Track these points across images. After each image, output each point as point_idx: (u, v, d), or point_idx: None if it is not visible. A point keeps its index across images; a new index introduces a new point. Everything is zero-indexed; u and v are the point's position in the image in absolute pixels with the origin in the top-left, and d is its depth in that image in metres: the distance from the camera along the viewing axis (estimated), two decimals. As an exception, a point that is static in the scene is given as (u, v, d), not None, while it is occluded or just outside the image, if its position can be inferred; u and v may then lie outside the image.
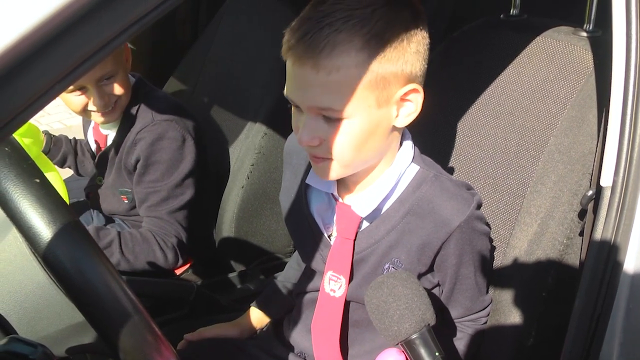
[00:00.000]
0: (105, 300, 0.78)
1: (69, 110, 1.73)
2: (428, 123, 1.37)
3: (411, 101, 1.05)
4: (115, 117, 1.73)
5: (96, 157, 1.85)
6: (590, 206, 1.11)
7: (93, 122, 1.84)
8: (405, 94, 1.03)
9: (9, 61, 0.60)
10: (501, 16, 1.43)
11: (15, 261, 0.87)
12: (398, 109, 1.05)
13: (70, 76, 0.65)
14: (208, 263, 1.91)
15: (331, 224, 1.19)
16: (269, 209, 1.86)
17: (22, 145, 0.88)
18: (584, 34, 1.30)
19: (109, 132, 1.79)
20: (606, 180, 1.05)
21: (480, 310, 1.21)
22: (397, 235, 1.12)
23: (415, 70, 1.03)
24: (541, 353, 1.20)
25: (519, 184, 1.27)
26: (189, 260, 1.83)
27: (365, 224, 1.15)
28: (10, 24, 0.60)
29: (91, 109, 1.67)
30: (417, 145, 1.16)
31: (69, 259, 0.78)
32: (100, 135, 1.83)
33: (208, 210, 1.90)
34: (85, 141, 1.99)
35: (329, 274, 1.18)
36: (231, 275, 1.90)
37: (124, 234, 1.68)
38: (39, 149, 1.84)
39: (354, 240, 1.15)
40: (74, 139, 2.04)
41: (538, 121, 1.28)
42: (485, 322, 1.23)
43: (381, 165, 1.11)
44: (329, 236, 1.20)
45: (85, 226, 0.84)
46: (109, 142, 1.80)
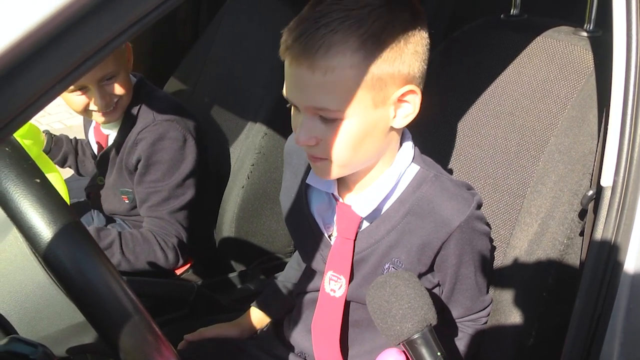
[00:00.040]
0: (105, 300, 0.78)
1: (69, 110, 1.73)
2: (428, 123, 1.37)
3: (409, 102, 1.04)
4: (117, 117, 1.73)
5: (97, 157, 1.85)
6: (590, 206, 1.11)
7: (94, 122, 1.84)
8: (402, 95, 1.03)
9: (9, 61, 0.60)
10: (501, 16, 1.43)
11: (15, 261, 0.87)
12: (395, 110, 1.04)
13: (70, 76, 0.65)
14: (208, 263, 1.91)
15: (331, 224, 1.19)
16: (269, 209, 1.86)
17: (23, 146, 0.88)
18: (585, 33, 1.30)
19: (110, 132, 1.80)
20: (606, 180, 1.05)
21: (481, 310, 1.21)
22: (397, 235, 1.12)
23: (413, 72, 1.03)
24: (541, 353, 1.20)
25: (519, 184, 1.27)
26: (189, 261, 1.83)
27: (366, 224, 1.15)
28: (11, 24, 0.60)
29: (92, 109, 1.67)
30: (418, 145, 1.16)
31: (69, 259, 0.78)
32: (101, 135, 1.83)
33: (209, 210, 1.90)
34: (86, 141, 1.99)
35: (329, 274, 1.18)
36: (231, 275, 1.90)
37: (124, 234, 1.68)
38: (40, 149, 1.84)
39: (354, 240, 1.15)
40: (75, 138, 2.04)
41: (538, 121, 1.28)
42: (486, 322, 1.23)
43: (381, 166, 1.11)
44: (329, 236, 1.20)
45: (85, 226, 0.84)
46: (110, 142, 1.80)
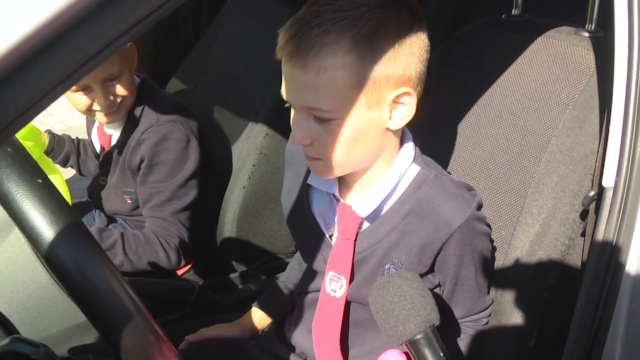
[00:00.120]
0: (107, 300, 0.78)
1: (70, 110, 1.74)
2: (429, 123, 1.37)
3: (404, 104, 1.04)
4: (120, 118, 1.73)
5: (100, 157, 1.85)
6: (592, 207, 1.11)
7: (97, 122, 1.84)
8: (397, 96, 1.02)
9: (11, 61, 0.60)
10: (502, 16, 1.43)
11: (17, 261, 0.87)
12: (391, 112, 1.04)
13: (72, 77, 0.65)
14: (210, 263, 1.91)
15: (332, 224, 1.19)
16: (271, 210, 1.86)
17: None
18: (586, 34, 1.30)
19: (113, 132, 1.80)
20: (608, 180, 1.05)
21: (482, 310, 1.21)
22: (398, 236, 1.12)
23: (409, 73, 1.02)
24: (543, 354, 1.19)
25: (520, 184, 1.27)
26: (191, 261, 1.83)
27: (366, 224, 1.15)
28: (13, 24, 0.60)
29: (96, 109, 1.67)
30: (418, 146, 1.16)
31: (71, 259, 0.78)
32: (105, 135, 1.83)
33: (211, 210, 1.90)
34: (88, 141, 1.99)
35: (329, 274, 1.18)
36: (232, 275, 1.90)
37: (127, 234, 1.68)
38: (41, 151, 1.84)
39: (355, 240, 1.15)
40: (77, 138, 2.04)
41: (540, 121, 1.28)
42: (487, 323, 1.23)
43: (380, 166, 1.11)
44: (330, 236, 1.20)
45: (87, 227, 0.84)
46: (113, 142, 1.80)
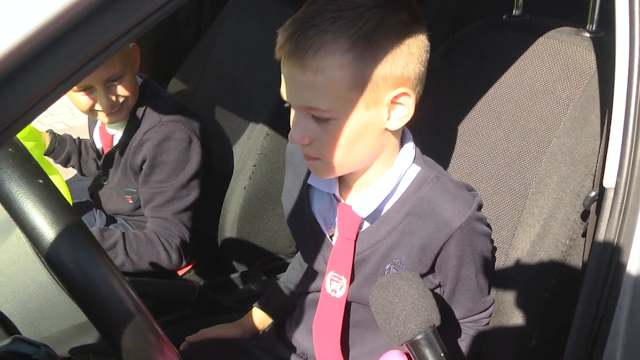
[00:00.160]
0: (108, 300, 0.78)
1: (71, 110, 1.74)
2: (430, 124, 1.37)
3: (403, 104, 1.03)
4: (122, 118, 1.73)
5: (102, 157, 1.86)
6: (593, 207, 1.11)
7: (99, 122, 1.84)
8: (395, 97, 1.02)
9: (13, 61, 0.60)
10: (503, 17, 1.43)
11: (18, 261, 0.87)
12: (389, 112, 1.03)
13: (74, 77, 0.64)
14: (210, 264, 1.91)
15: (333, 225, 1.19)
16: (271, 210, 1.86)
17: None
18: (587, 34, 1.30)
19: (115, 132, 1.80)
20: (609, 181, 1.05)
21: (482, 311, 1.21)
22: (398, 236, 1.12)
23: (407, 74, 1.02)
24: (543, 354, 1.19)
25: (521, 185, 1.27)
26: (192, 261, 1.83)
27: (367, 224, 1.15)
28: (14, 25, 0.60)
29: (98, 109, 1.67)
30: (419, 146, 1.16)
31: (72, 259, 0.78)
32: (107, 135, 1.83)
33: (212, 211, 1.90)
34: (90, 141, 1.99)
35: (330, 275, 1.18)
36: (233, 276, 1.90)
37: (128, 235, 1.68)
38: (41, 152, 1.85)
39: (355, 240, 1.15)
40: (78, 138, 2.04)
41: (540, 122, 1.28)
42: (487, 323, 1.23)
43: (380, 166, 1.11)
44: (330, 236, 1.20)
45: (88, 227, 0.84)
46: (115, 142, 1.80)
